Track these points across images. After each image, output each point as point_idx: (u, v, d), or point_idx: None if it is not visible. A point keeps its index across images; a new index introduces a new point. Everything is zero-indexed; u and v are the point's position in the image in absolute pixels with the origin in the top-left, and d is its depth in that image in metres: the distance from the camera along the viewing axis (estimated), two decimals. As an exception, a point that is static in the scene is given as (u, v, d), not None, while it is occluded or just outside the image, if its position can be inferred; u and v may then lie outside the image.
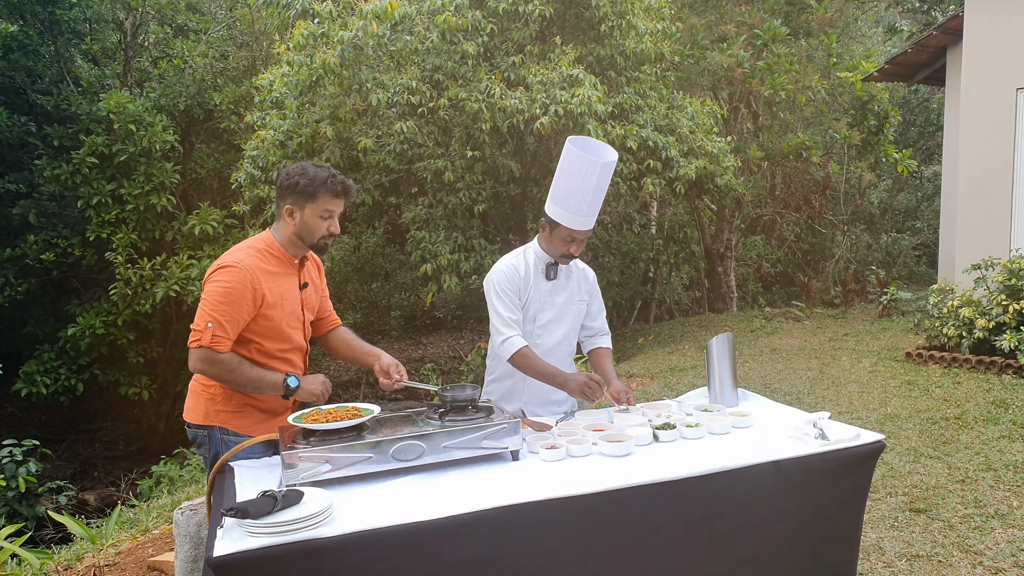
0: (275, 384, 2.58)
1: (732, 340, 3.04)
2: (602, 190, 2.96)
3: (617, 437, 2.56)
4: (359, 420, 2.40)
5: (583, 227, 2.98)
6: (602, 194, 2.98)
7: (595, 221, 3.03)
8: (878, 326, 10.57)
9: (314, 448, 2.28)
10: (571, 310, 3.18)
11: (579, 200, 2.93)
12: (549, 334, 3.14)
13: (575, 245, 3.03)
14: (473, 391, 2.59)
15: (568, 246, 3.03)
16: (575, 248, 3.04)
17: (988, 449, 5.03)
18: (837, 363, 8.16)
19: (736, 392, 3.06)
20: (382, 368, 2.77)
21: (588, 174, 2.90)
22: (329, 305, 2.98)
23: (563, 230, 3.00)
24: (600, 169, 2.89)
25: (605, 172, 2.92)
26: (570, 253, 3.04)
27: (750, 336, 10.40)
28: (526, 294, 3.10)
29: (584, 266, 3.28)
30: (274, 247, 2.65)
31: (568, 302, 3.17)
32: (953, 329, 7.66)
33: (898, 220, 21.09)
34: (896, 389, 6.82)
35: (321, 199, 2.59)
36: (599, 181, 2.91)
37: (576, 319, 3.21)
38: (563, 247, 3.03)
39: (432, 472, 2.37)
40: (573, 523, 2.18)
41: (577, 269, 3.23)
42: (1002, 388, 6.61)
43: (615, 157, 2.96)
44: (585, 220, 2.98)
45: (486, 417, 2.51)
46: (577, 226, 2.97)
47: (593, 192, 2.93)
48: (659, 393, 7.24)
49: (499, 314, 3.04)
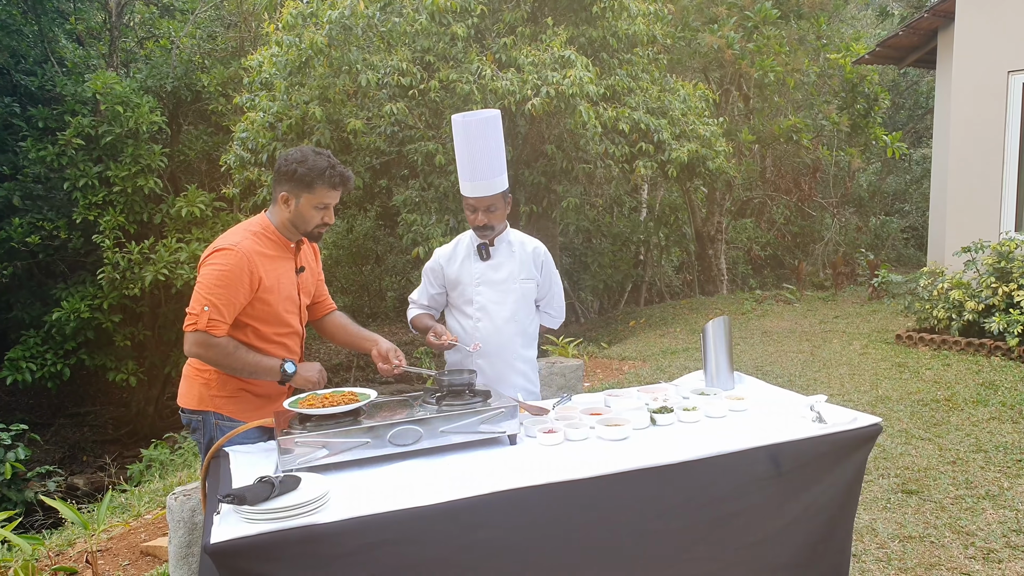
0: (272, 369, 2.55)
1: (728, 324, 3.04)
2: (487, 152, 2.88)
3: (614, 421, 2.55)
4: (356, 405, 2.38)
5: (474, 193, 2.92)
6: (488, 157, 2.88)
7: (496, 188, 2.92)
8: (868, 309, 10.63)
9: (310, 433, 2.26)
10: (514, 289, 3.05)
11: (467, 165, 2.91)
12: (490, 316, 3.05)
13: (480, 215, 2.95)
14: (471, 376, 2.57)
15: (474, 217, 2.97)
16: (481, 218, 2.95)
17: (978, 431, 5.07)
18: (828, 346, 8.20)
19: (732, 375, 3.06)
20: (380, 353, 2.75)
21: (468, 137, 2.87)
22: (325, 289, 2.95)
23: (464, 202, 3.00)
24: (474, 127, 2.86)
25: (481, 131, 2.86)
26: (479, 224, 2.97)
27: (741, 319, 10.43)
28: (454, 275, 3.08)
29: (535, 244, 3.16)
30: (270, 230, 2.62)
31: (509, 280, 3.05)
32: (943, 312, 7.71)
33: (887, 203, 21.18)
34: (887, 371, 6.86)
35: (319, 190, 2.55)
36: (480, 142, 2.86)
37: (523, 299, 3.09)
38: (471, 219, 3.00)
39: (429, 457, 2.36)
40: (571, 507, 2.18)
41: (521, 247, 3.11)
42: (991, 370, 6.66)
43: (493, 113, 2.90)
44: (475, 186, 2.91)
45: (483, 402, 2.49)
46: (469, 192, 2.94)
47: (479, 155, 2.87)
48: (652, 376, 7.25)
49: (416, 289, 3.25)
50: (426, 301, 3.20)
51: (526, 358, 3.12)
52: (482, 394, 2.56)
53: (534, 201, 9.37)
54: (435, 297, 3.18)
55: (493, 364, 3.04)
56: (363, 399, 2.45)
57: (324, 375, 2.66)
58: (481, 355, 3.04)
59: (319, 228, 2.62)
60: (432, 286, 3.17)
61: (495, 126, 2.90)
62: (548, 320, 3.28)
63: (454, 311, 3.15)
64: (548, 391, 5.08)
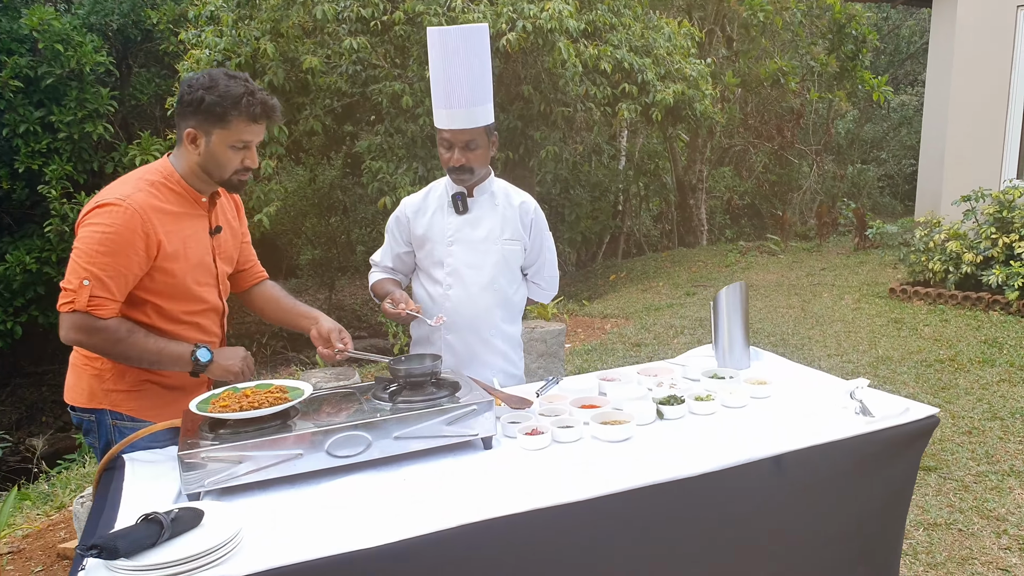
0: (180, 358, 2.02)
1: (744, 291, 2.54)
2: (468, 74, 2.32)
3: (613, 417, 2.06)
4: (284, 405, 1.86)
5: (450, 124, 2.35)
6: (470, 79, 2.32)
7: (477, 120, 2.35)
8: (855, 260, 10.24)
9: (224, 444, 1.74)
10: (494, 251, 2.51)
11: (442, 89, 2.34)
12: (463, 283, 2.50)
13: (457, 153, 2.38)
14: (434, 363, 2.06)
15: (449, 156, 2.40)
16: (458, 157, 2.38)
17: (990, 395, 4.69)
18: (819, 300, 7.80)
19: (748, 352, 2.58)
20: (321, 334, 2.22)
21: (445, 53, 2.31)
22: (252, 253, 2.40)
23: (439, 137, 2.43)
24: (454, 41, 2.28)
25: (462, 46, 2.30)
26: (455, 166, 2.40)
27: (725, 271, 10.00)
28: (423, 231, 2.52)
29: (524, 198, 2.58)
30: (173, 179, 2.05)
31: (489, 239, 2.51)
32: (939, 264, 7.32)
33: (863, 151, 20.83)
34: (883, 328, 6.47)
35: (234, 124, 1.98)
36: (460, 61, 2.30)
37: (505, 264, 2.53)
38: (445, 158, 2.42)
39: (381, 469, 1.86)
40: (561, 536, 1.70)
41: (507, 199, 2.56)
42: (991, 326, 6.30)
43: (477, 27, 2.33)
44: (452, 115, 2.34)
45: (450, 396, 1.99)
46: (443, 123, 2.37)
47: (458, 76, 2.30)
48: (636, 335, 6.80)
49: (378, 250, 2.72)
50: (390, 263, 2.66)
51: (507, 335, 2.60)
52: (448, 386, 2.06)
53: (509, 147, 8.76)
54: (401, 258, 2.64)
55: (466, 341, 2.52)
56: (294, 396, 1.93)
57: (250, 363, 2.13)
58: (452, 330, 2.52)
59: (239, 175, 2.06)
60: (397, 243, 2.62)
61: (480, 42, 2.33)
62: (536, 293, 2.75)
63: (421, 276, 2.61)
64: (527, 358, 4.59)
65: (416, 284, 2.63)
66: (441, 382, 2.09)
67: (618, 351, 6.20)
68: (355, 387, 2.14)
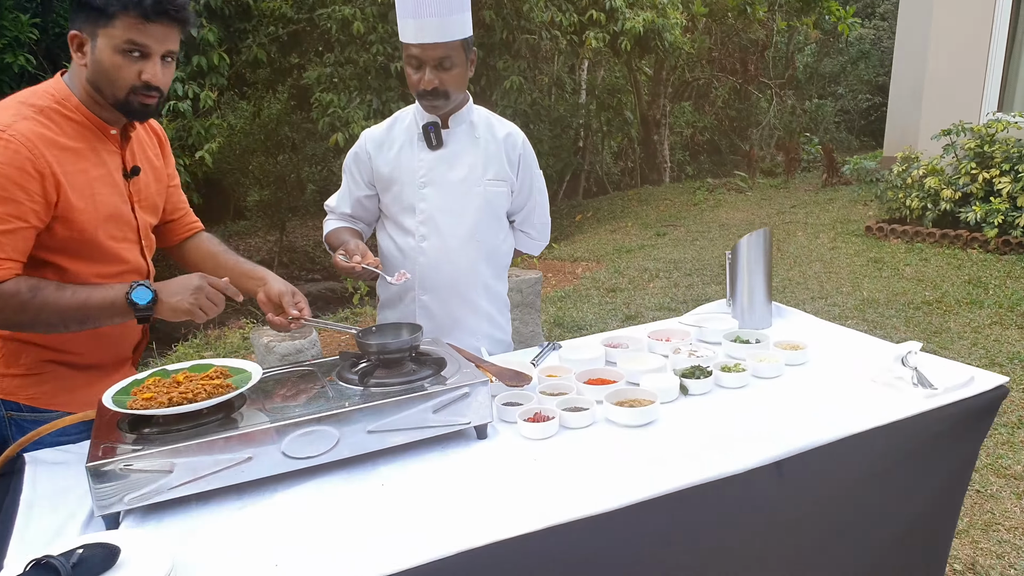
0: (111, 305, 1.56)
1: (769, 240, 2.20)
2: None
3: (631, 396, 1.71)
4: (226, 396, 1.46)
5: (419, 37, 1.90)
6: None
7: (452, 32, 1.92)
8: (824, 196, 10.03)
9: (150, 448, 1.35)
10: (476, 193, 2.10)
11: None
12: (439, 233, 2.08)
13: (428, 74, 1.93)
14: (412, 336, 1.68)
15: (419, 77, 1.95)
16: (430, 78, 1.94)
17: (984, 339, 4.49)
18: (793, 239, 7.56)
19: (770, 309, 2.25)
20: (270, 298, 1.80)
21: None
22: (183, 200, 1.96)
23: (405, 54, 1.97)
24: None
25: None
26: (427, 89, 1.95)
27: (694, 210, 9.70)
28: (388, 170, 2.10)
29: (509, 129, 2.17)
30: (69, 104, 1.59)
31: (470, 180, 2.10)
32: (917, 201, 7.11)
33: (821, 86, 20.62)
34: (863, 268, 6.25)
35: (120, 21, 1.49)
36: None
37: (489, 209, 2.12)
38: (414, 81, 1.98)
39: (352, 470, 1.49)
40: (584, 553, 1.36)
41: (489, 131, 2.14)
42: (972, 265, 6.12)
43: None
44: (421, 26, 1.89)
45: (435, 375, 1.61)
46: (411, 36, 1.91)
47: None
48: (610, 279, 6.47)
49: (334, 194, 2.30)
50: (348, 209, 2.22)
51: (493, 294, 2.22)
52: (432, 362, 1.68)
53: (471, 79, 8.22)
54: (362, 203, 2.20)
55: (445, 303, 2.13)
56: (239, 381, 1.53)
57: (211, 294, 1.61)
58: (428, 290, 2.12)
59: (141, 96, 1.57)
60: (357, 185, 2.18)
61: None
62: (525, 243, 2.36)
63: (388, 225, 2.18)
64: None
65: (382, 235, 2.21)
66: (422, 357, 1.71)
67: (593, 297, 5.87)
68: (315, 364, 1.75)
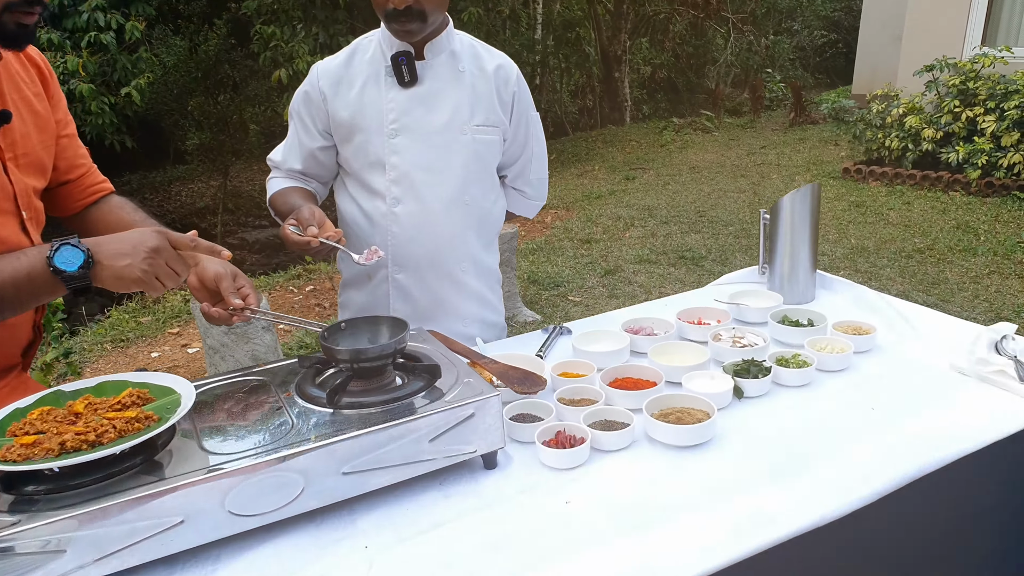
0: (27, 276, 1.12)
1: (817, 196, 1.83)
2: None
3: (675, 406, 1.34)
4: (144, 435, 1.05)
5: None
6: None
7: None
8: (793, 136, 9.75)
9: (33, 518, 0.94)
10: (462, 143, 1.66)
11: None
12: (417, 194, 1.65)
13: None
14: (395, 336, 1.27)
15: None
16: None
17: (984, 290, 4.26)
18: (768, 182, 7.26)
19: (815, 280, 1.90)
20: (204, 283, 1.36)
21: None
22: (82, 154, 1.49)
23: None
24: None
25: None
26: (395, 8, 1.52)
27: (662, 152, 9.33)
28: (350, 115, 1.65)
29: (500, 60, 1.73)
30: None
31: (453, 127, 1.66)
32: (897, 141, 6.84)
33: (777, 22, 20.27)
34: (845, 213, 5.99)
35: None
36: None
37: (479, 163, 1.70)
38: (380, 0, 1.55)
39: (323, 526, 1.10)
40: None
41: (476, 62, 1.70)
42: (957, 209, 5.91)
43: None
44: None
45: (427, 388, 1.22)
46: None
47: None
48: (582, 229, 6.09)
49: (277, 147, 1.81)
50: (298, 164, 1.75)
51: (484, 268, 1.81)
52: (421, 370, 1.27)
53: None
54: (316, 157, 1.74)
55: (426, 283, 1.72)
56: (165, 409, 1.12)
57: (170, 257, 1.18)
58: (404, 266, 1.71)
59: (18, 13, 1.11)
60: (308, 135, 1.71)
61: None
62: (519, 204, 1.93)
63: (350, 185, 1.73)
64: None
65: (343, 197, 1.77)
66: (408, 363, 1.31)
67: (567, 250, 5.50)
68: (267, 371, 1.34)
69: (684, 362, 1.51)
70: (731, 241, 5.43)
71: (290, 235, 1.47)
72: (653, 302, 1.93)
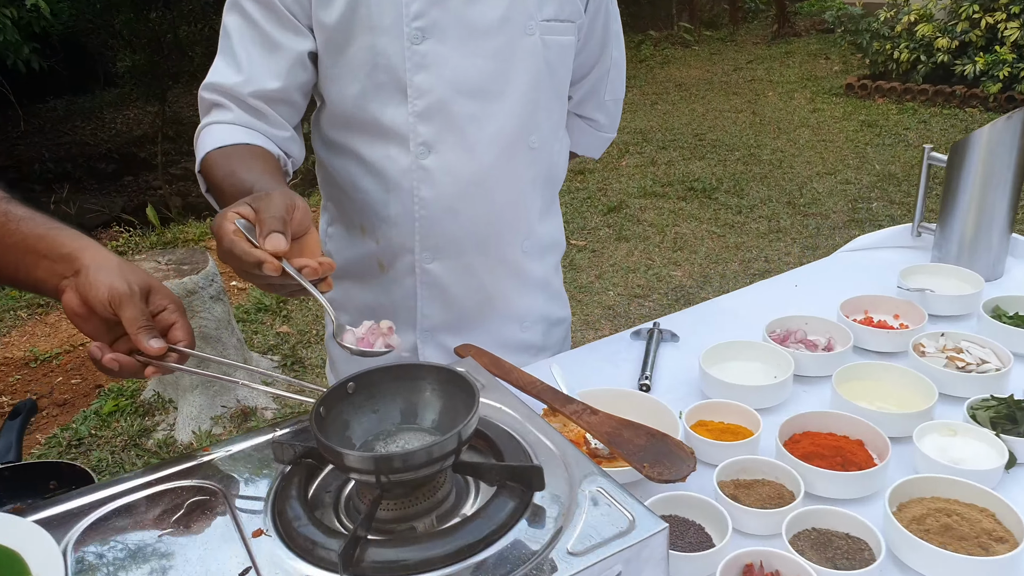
0: None
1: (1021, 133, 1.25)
2: None
3: (923, 495, 0.78)
4: None
5: None
6: None
7: None
8: (779, 51, 9.11)
9: None
10: (527, 49, 1.03)
11: None
12: (456, 137, 1.03)
13: None
14: (465, 420, 0.66)
15: None
16: None
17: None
18: (764, 100, 6.66)
19: (1008, 247, 1.34)
20: (93, 307, 0.73)
21: None
22: None
23: None
24: None
25: None
26: None
27: (643, 68, 8.63)
28: (343, 14, 0.98)
29: None
30: None
31: (514, 22, 1.02)
32: (907, 53, 6.27)
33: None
34: (859, 135, 5.44)
35: None
36: None
37: (552, 81, 1.09)
38: None
39: None
40: None
41: None
42: (980, 126, 5.40)
43: None
44: None
45: (522, 515, 0.63)
46: None
47: None
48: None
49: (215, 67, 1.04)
50: (275, 81, 1.00)
51: (547, 243, 1.21)
52: (508, 475, 0.68)
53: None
54: (303, 67, 1.02)
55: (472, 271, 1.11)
56: None
57: None
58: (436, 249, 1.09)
59: None
60: (285, 26, 0.99)
61: None
62: (586, 139, 1.33)
63: (341, 129, 1.07)
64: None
65: (328, 152, 1.11)
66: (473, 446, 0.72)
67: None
68: (213, 471, 0.73)
69: (884, 397, 0.95)
70: (741, 168, 4.86)
71: (233, 239, 0.75)
72: (774, 278, 1.35)
